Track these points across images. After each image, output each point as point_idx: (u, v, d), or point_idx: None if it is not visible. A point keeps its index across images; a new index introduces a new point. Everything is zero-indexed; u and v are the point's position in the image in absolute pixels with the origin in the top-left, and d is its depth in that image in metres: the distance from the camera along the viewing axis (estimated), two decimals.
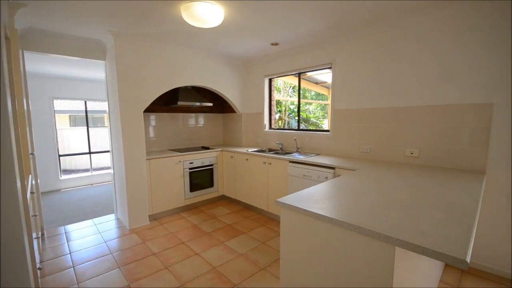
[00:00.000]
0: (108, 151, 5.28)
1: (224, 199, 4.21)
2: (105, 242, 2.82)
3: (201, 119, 4.52)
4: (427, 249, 0.87)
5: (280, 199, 1.41)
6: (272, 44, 3.33)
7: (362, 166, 2.42)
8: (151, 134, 3.90)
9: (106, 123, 6.03)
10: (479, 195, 1.46)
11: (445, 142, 2.33)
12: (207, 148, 4.05)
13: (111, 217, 3.59)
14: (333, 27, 2.72)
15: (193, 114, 4.41)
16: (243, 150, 3.81)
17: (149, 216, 3.32)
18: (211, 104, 4.09)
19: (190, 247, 2.69)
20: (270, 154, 3.40)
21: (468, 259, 0.80)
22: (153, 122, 3.92)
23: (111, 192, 4.78)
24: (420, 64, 2.43)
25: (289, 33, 2.93)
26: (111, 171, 3.61)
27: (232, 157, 3.88)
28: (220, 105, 4.69)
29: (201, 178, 3.84)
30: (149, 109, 3.72)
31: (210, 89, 3.99)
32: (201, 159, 3.79)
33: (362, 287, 1.08)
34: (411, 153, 2.52)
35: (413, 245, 0.90)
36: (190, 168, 3.67)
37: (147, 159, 3.23)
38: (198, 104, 3.93)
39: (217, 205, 3.96)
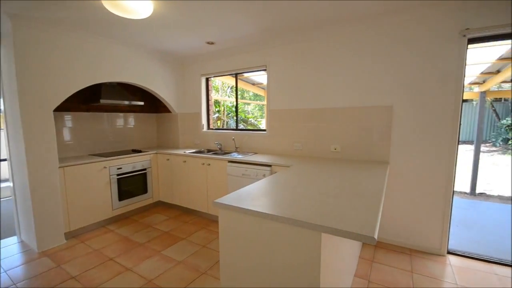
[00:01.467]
0: (4, 160, 4.26)
1: (160, 205, 3.93)
2: (5, 272, 2.27)
3: (131, 120, 4.10)
4: (345, 231, 1.00)
5: (218, 200, 1.40)
6: (208, 43, 3.28)
7: (295, 163, 2.61)
8: (67, 137, 3.33)
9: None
10: (384, 181, 1.76)
11: (360, 139, 2.73)
12: (139, 151, 3.70)
13: (12, 240, 2.91)
14: (266, 31, 2.85)
15: (121, 114, 3.96)
16: (180, 151, 3.63)
17: (65, 233, 2.82)
18: (142, 103, 3.75)
19: (120, 262, 2.41)
20: (209, 155, 3.34)
21: (375, 236, 0.96)
22: (69, 123, 3.34)
23: (10, 210, 3.88)
24: (341, 71, 2.78)
25: (224, 33, 2.93)
26: (9, 184, 2.92)
27: (168, 159, 3.65)
28: (153, 104, 4.36)
29: (132, 185, 3.48)
30: (63, 108, 3.16)
31: (141, 87, 3.65)
32: (131, 163, 3.44)
33: (295, 275, 1.17)
34: (335, 149, 2.86)
35: (335, 230, 1.02)
36: (118, 175, 3.29)
37: (60, 167, 2.73)
38: (126, 102, 3.55)
39: (153, 213, 3.66)
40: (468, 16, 2.15)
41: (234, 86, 3.91)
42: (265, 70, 3.36)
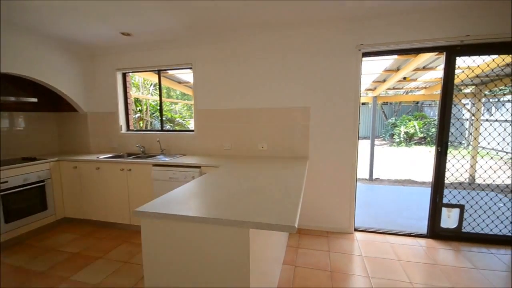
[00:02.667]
0: None
1: (66, 223, 3.29)
2: None
3: (20, 121, 3.28)
4: (269, 224, 1.06)
5: (139, 208, 1.27)
6: (124, 34, 2.93)
7: (224, 163, 2.62)
8: None
9: None
10: (304, 175, 1.95)
11: (284, 137, 2.96)
12: (33, 159, 3.00)
13: None
14: (190, 27, 2.75)
15: (5, 114, 3.11)
16: (92, 157, 3.12)
17: None
18: (35, 100, 3.04)
19: None
20: (130, 159, 3.00)
21: (296, 225, 1.05)
22: None
23: None
24: (266, 73, 2.94)
25: (142, 25, 2.68)
26: None
27: (75, 167, 3.09)
28: (52, 102, 3.60)
29: (25, 201, 2.79)
30: None
31: (34, 80, 2.96)
32: (22, 175, 2.75)
33: (226, 273, 1.17)
34: (262, 147, 3.02)
35: (261, 224, 1.07)
36: (2, 190, 2.58)
37: None
38: (12, 99, 2.81)
39: (57, 233, 3.04)
40: (362, 34, 2.61)
41: (158, 83, 3.63)
42: (191, 68, 3.24)
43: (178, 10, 2.34)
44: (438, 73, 4.48)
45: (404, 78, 4.89)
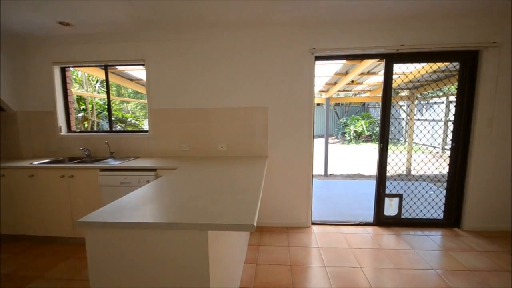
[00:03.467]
0: None
1: None
2: None
3: None
4: (228, 225, 1.05)
5: (84, 218, 1.14)
6: (62, 24, 2.60)
7: (182, 164, 2.52)
8: None
9: None
10: (263, 174, 1.99)
11: (244, 137, 2.97)
12: None
13: None
14: (141, 21, 2.58)
15: None
16: (24, 163, 2.71)
17: None
18: None
19: None
20: (72, 164, 2.68)
21: (254, 223, 1.06)
22: None
23: None
24: (224, 73, 2.91)
25: (84, 15, 2.42)
26: None
27: (3, 175, 2.64)
28: None
29: None
30: None
31: None
32: None
33: (186, 278, 1.12)
34: (222, 148, 2.98)
35: (220, 225, 1.06)
36: None
37: None
38: None
39: None
40: (315, 38, 2.76)
41: (105, 80, 3.31)
42: (143, 65, 3.04)
43: (119, 1, 2.17)
44: (380, 77, 5.01)
45: (352, 81, 5.34)
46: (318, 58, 2.88)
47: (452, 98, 2.64)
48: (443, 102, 7.21)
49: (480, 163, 2.80)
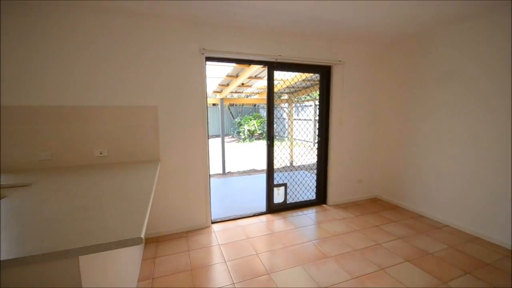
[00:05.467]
0: None
1: None
2: None
3: None
4: (106, 244, 0.89)
5: None
6: None
7: (41, 178, 1.94)
8: None
9: None
10: (154, 179, 1.82)
11: (130, 139, 2.61)
12: None
13: None
14: None
15: None
16: None
17: None
18: None
19: None
20: None
21: (142, 236, 0.95)
22: None
23: None
24: (107, 64, 2.44)
25: None
26: None
27: None
28: None
29: None
30: None
31: None
32: None
33: None
34: (101, 153, 2.51)
35: (95, 247, 0.88)
36: None
37: None
38: None
39: None
40: (205, 39, 2.78)
41: None
42: None
43: None
44: (265, 82, 5.64)
45: (242, 84, 5.75)
46: (209, 59, 2.91)
47: (317, 102, 3.39)
48: (311, 105, 8.97)
49: (336, 153, 3.65)
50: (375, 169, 3.97)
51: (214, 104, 12.38)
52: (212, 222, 3.16)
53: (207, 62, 2.90)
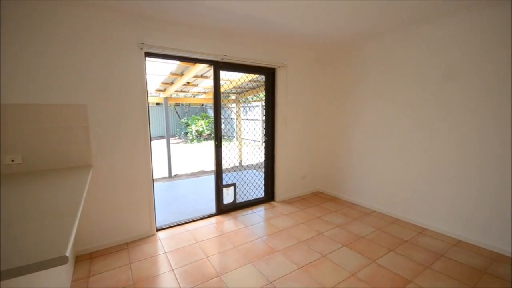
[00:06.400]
0: None
1: None
2: None
3: None
4: (26, 266, 0.75)
5: None
6: None
7: None
8: None
9: None
10: (84, 188, 1.60)
11: (53, 143, 2.24)
12: None
13: None
14: None
15: None
16: None
17: None
18: None
19: None
20: None
21: (68, 253, 0.83)
22: None
23: None
24: (26, 55, 2.02)
25: None
26: None
27: None
28: None
29: None
30: None
31: None
32: None
33: None
34: (12, 161, 2.09)
35: (10, 272, 0.73)
36: None
37: None
38: None
39: None
40: (145, 33, 2.57)
41: None
42: None
43: None
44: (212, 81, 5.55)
45: (188, 82, 5.54)
46: (151, 55, 2.72)
47: (264, 103, 3.53)
48: (259, 106, 9.22)
49: (282, 151, 3.83)
50: (317, 165, 4.31)
51: (157, 103, 11.61)
52: (158, 229, 2.96)
53: (148, 58, 2.71)
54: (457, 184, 2.65)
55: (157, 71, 4.65)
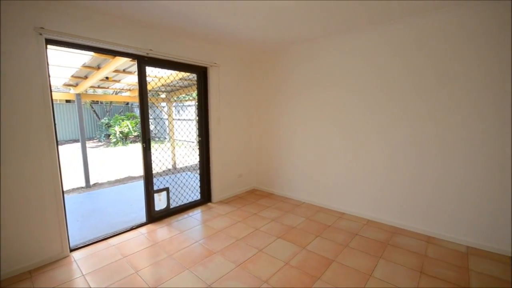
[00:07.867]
0: None
1: None
2: None
3: None
4: None
5: None
6: None
7: None
8: None
9: None
10: None
11: None
12: None
13: None
14: None
15: None
16: None
17: None
18: None
19: None
20: None
21: None
22: None
23: None
24: None
25: None
26: None
27: None
28: None
29: None
30: None
31: None
32: None
33: None
34: None
35: None
36: None
37: None
38: None
39: None
40: (44, 15, 2.12)
41: None
42: None
43: None
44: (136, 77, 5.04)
45: (107, 77, 4.88)
46: (54, 42, 2.26)
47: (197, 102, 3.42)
48: (192, 105, 8.89)
49: (217, 151, 3.79)
50: (252, 163, 4.44)
51: (68, 101, 9.85)
52: (72, 250, 2.51)
53: (52, 47, 2.25)
54: (370, 175, 3.16)
55: (65, 62, 3.92)
